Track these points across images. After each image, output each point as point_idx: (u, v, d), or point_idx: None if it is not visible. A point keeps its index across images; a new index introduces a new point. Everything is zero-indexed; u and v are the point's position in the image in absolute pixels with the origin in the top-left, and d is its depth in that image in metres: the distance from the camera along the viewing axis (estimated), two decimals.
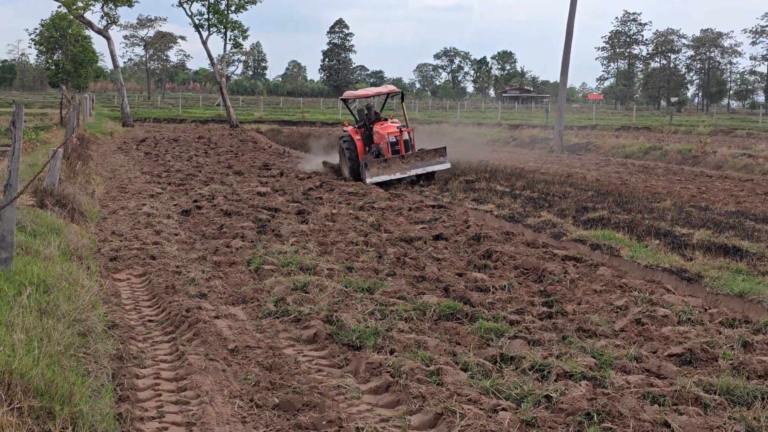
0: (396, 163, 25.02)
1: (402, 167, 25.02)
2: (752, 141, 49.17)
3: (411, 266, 12.85)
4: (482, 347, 8.83)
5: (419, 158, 25.28)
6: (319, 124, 70.44)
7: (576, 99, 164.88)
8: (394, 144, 25.76)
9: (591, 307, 10.65)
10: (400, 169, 24.98)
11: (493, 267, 13.09)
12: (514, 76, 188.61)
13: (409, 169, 25.05)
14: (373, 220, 17.27)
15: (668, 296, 11.12)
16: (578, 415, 6.78)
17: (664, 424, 6.66)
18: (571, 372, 7.82)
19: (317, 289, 10.95)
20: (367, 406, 7.30)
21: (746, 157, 34.64)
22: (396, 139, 25.77)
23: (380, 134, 26.11)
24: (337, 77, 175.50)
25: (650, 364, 8.27)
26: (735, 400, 7.28)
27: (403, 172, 25.01)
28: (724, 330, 9.63)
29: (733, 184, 27.18)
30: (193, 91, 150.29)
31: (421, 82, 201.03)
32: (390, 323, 9.45)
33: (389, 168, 24.89)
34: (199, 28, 67.68)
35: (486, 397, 7.25)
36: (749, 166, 32.85)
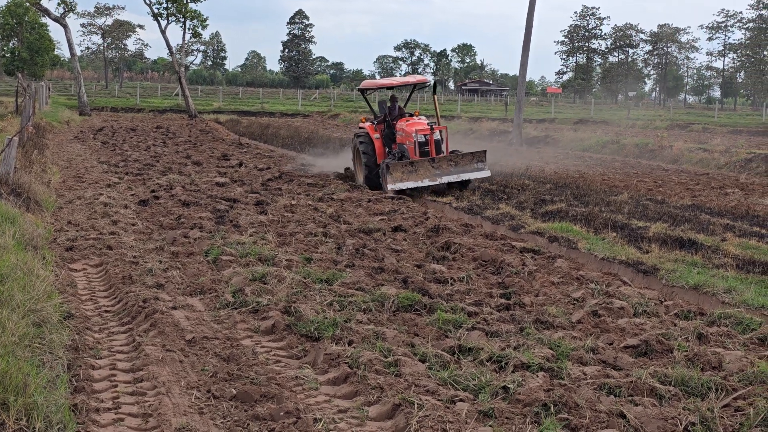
0: (425, 167, 20.71)
1: (432, 173, 20.71)
2: (708, 136, 49.67)
3: (370, 258, 12.84)
4: (440, 338, 8.86)
5: (453, 163, 20.98)
6: (279, 115, 70.28)
7: (535, 92, 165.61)
8: (423, 144, 21.46)
9: (548, 299, 10.73)
10: (429, 175, 20.66)
11: (452, 259, 13.12)
12: (473, 69, 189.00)
13: (440, 176, 20.74)
14: (332, 212, 17.25)
15: (625, 288, 11.23)
16: (535, 406, 6.82)
17: (619, 415, 6.72)
18: (529, 363, 7.86)
19: (276, 280, 10.92)
20: (325, 397, 7.29)
21: (702, 152, 34.99)
22: (425, 139, 21.48)
23: (406, 132, 21.81)
24: (297, 68, 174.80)
25: (606, 355, 8.34)
26: (689, 391, 7.36)
27: (432, 179, 20.67)
28: (679, 322, 9.73)
29: (689, 177, 27.44)
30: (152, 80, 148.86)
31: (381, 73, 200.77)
32: (348, 314, 9.44)
33: (416, 173, 20.64)
34: (158, 17, 67.09)
35: (444, 388, 7.27)
36: (705, 161, 33.19)
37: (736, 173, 30.26)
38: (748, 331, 9.38)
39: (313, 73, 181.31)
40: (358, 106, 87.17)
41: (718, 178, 27.33)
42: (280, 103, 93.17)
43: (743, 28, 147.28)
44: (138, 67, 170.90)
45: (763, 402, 6.91)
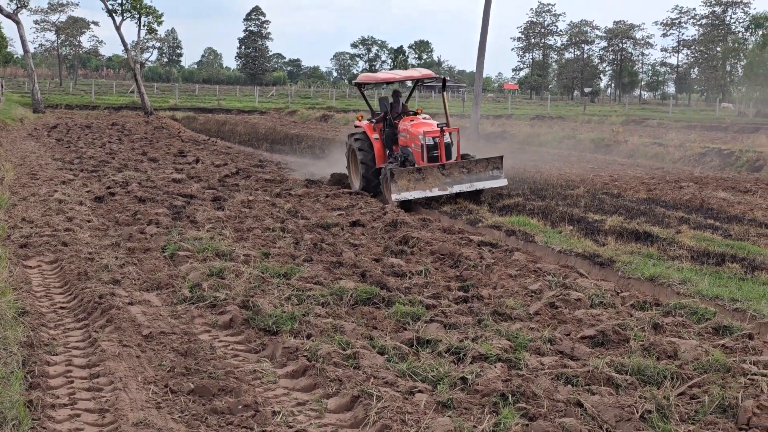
0: (434, 174, 18.24)
1: (441, 181, 18.26)
2: (663, 131, 50.12)
3: (328, 252, 12.83)
4: (399, 331, 8.87)
5: (465, 170, 18.48)
6: (236, 112, 69.95)
7: (492, 89, 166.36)
8: (431, 148, 18.77)
9: (506, 291, 10.78)
10: (439, 184, 18.21)
11: (410, 252, 13.15)
12: (431, 66, 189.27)
13: (450, 185, 18.26)
14: (290, 207, 17.21)
15: (581, 280, 11.33)
16: (493, 396, 6.85)
17: (576, 404, 6.76)
18: (487, 354, 7.90)
19: (233, 274, 10.88)
20: (284, 390, 7.28)
21: (657, 146, 35.32)
22: (435, 142, 18.77)
23: (411, 134, 19.29)
24: (254, 65, 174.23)
25: (564, 345, 8.40)
26: (645, 380, 7.43)
27: (442, 188, 18.21)
28: (635, 312, 9.82)
29: (645, 172, 27.70)
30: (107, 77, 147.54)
31: (338, 70, 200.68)
32: (307, 308, 9.43)
33: (424, 181, 18.14)
34: (113, 13, 66.47)
35: (402, 380, 7.28)
36: (660, 155, 33.52)
37: (690, 167, 30.59)
38: (702, 320, 9.49)
39: (270, 70, 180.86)
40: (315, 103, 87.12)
41: (673, 172, 27.61)
42: (237, 100, 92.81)
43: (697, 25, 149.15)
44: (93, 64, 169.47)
45: (717, 389, 7.00)
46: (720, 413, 6.71)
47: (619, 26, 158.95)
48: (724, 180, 25.18)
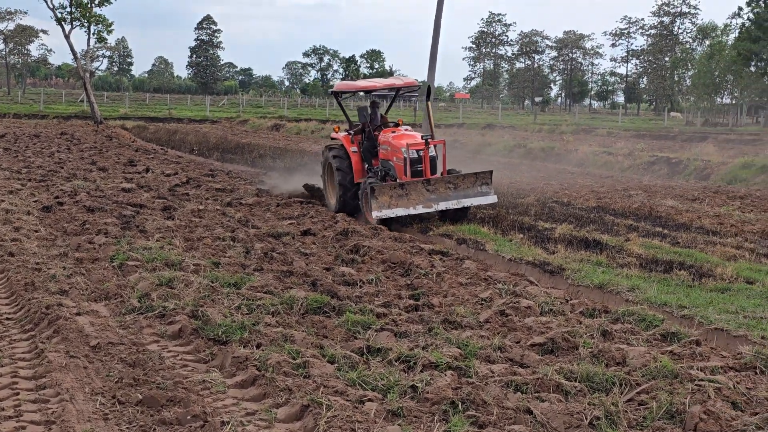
0: (418, 190, 16.77)
1: (426, 197, 16.81)
2: (612, 140, 50.64)
3: (279, 261, 12.78)
4: (349, 340, 8.85)
5: (451, 185, 17.03)
6: (187, 121, 69.48)
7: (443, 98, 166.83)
8: (415, 162, 17.33)
9: (457, 300, 10.81)
10: (423, 201, 16.77)
11: (361, 261, 13.14)
12: (382, 75, 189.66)
13: (435, 201, 16.83)
14: (240, 216, 17.13)
15: (531, 288, 11.38)
16: (443, 404, 6.85)
17: (526, 411, 6.79)
18: (437, 362, 7.90)
19: (183, 284, 10.78)
20: (233, 400, 7.22)
21: (606, 155, 35.69)
22: (419, 155, 17.35)
23: (393, 146, 17.80)
24: (205, 74, 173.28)
25: (513, 353, 8.42)
26: (594, 387, 7.47)
27: (427, 205, 16.77)
28: (585, 320, 9.89)
29: (594, 180, 27.97)
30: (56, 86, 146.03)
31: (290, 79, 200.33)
32: (257, 317, 9.37)
33: (407, 198, 16.70)
34: (62, 21, 65.69)
35: (352, 389, 7.26)
36: (609, 164, 33.87)
37: (639, 176, 30.94)
38: (651, 327, 9.56)
39: (221, 79, 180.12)
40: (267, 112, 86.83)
41: (622, 181, 27.91)
42: (188, 109, 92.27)
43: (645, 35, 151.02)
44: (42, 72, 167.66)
45: (665, 395, 7.06)
46: (667, 419, 6.77)
47: (569, 36, 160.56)
48: (673, 188, 25.49)
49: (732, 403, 7.07)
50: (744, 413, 6.88)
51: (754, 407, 7.03)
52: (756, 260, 13.55)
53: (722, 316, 10.05)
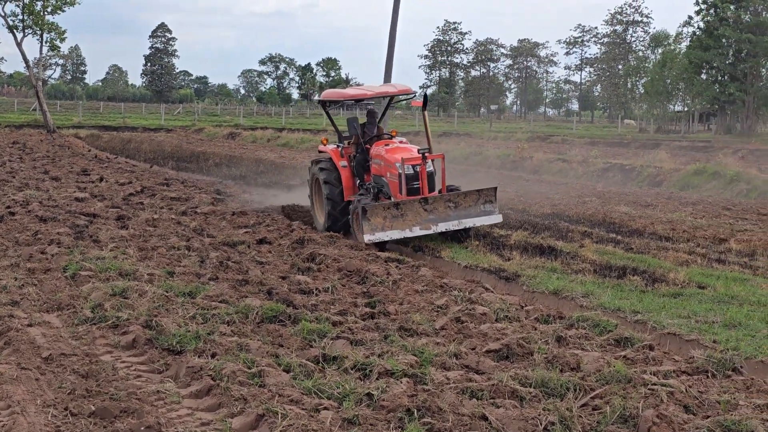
0: (414, 210, 15.26)
1: (424, 218, 15.30)
2: (566, 147, 51.06)
3: (234, 270, 12.72)
4: (305, 348, 8.82)
5: (451, 204, 15.55)
6: (141, 130, 68.99)
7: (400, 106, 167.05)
8: (411, 178, 15.78)
9: (412, 307, 10.82)
10: (421, 222, 15.27)
11: (317, 270, 13.12)
12: (339, 83, 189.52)
13: (434, 222, 15.33)
14: (195, 225, 17.04)
15: (487, 295, 11.43)
16: (399, 412, 6.85)
17: (481, 417, 6.80)
18: (393, 370, 7.90)
19: (137, 294, 10.69)
20: (188, 410, 7.16)
21: (561, 162, 35.97)
22: (415, 171, 15.78)
23: (387, 161, 16.25)
24: (160, 82, 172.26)
25: (469, 360, 8.45)
26: (549, 392, 7.51)
27: (424, 227, 15.27)
28: (540, 326, 9.94)
29: (549, 187, 28.16)
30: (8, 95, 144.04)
31: (246, 88, 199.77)
32: (212, 327, 9.31)
33: (403, 218, 15.18)
34: (14, 29, 65.02)
35: (308, 397, 7.23)
36: (564, 171, 34.13)
37: (593, 182, 31.21)
38: (604, 332, 9.65)
39: (176, 88, 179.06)
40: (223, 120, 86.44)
41: (576, 188, 28.13)
42: (143, 117, 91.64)
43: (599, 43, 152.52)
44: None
45: (618, 400, 7.11)
46: (621, 423, 6.82)
47: (524, 44, 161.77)
48: (626, 195, 25.75)
49: (684, 406, 7.15)
50: (696, 416, 6.96)
51: (705, 410, 7.11)
52: (707, 265, 13.72)
53: (675, 320, 10.17)
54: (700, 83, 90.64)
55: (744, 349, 9.00)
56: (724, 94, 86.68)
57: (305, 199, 19.50)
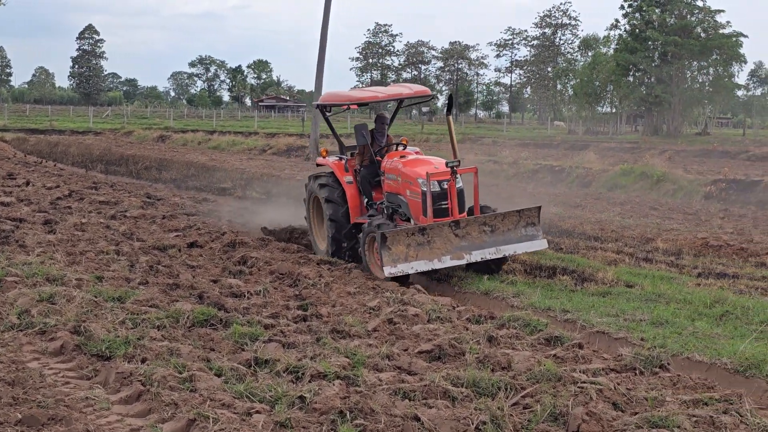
0: (444, 236, 12.82)
1: (455, 245, 12.84)
2: (497, 148, 51.41)
3: (164, 274, 12.59)
4: (237, 352, 8.77)
5: (487, 228, 13.15)
6: (69, 133, 67.91)
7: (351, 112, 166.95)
8: (439, 197, 13.35)
9: (345, 309, 10.83)
10: (452, 250, 12.79)
11: (249, 273, 13.06)
12: (270, 85, 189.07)
13: (468, 250, 12.84)
14: (125, 229, 16.82)
15: (419, 296, 11.49)
16: (331, 414, 6.83)
17: (414, 418, 6.82)
18: (325, 372, 7.88)
19: (65, 299, 10.50)
20: (117, 416, 7.07)
21: (492, 164, 36.23)
22: (443, 188, 13.37)
23: (406, 176, 13.75)
24: (88, 85, 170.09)
25: (401, 361, 8.47)
26: (480, 392, 7.57)
27: (457, 256, 12.79)
28: (471, 326, 10.02)
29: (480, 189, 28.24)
30: None
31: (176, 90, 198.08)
32: (142, 332, 9.19)
33: (430, 246, 12.71)
34: None
35: (240, 401, 7.19)
36: (495, 172, 34.38)
37: (524, 184, 31.51)
38: (535, 332, 9.75)
39: (105, 90, 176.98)
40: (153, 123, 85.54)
41: (507, 189, 28.34)
42: (71, 120, 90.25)
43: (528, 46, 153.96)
44: None
45: (549, 398, 7.19)
46: (551, 421, 6.90)
47: (455, 47, 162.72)
48: (556, 195, 26.06)
49: (613, 403, 7.26)
50: (624, 413, 7.07)
51: (634, 407, 7.22)
52: (635, 264, 13.96)
53: (603, 319, 10.34)
54: (627, 85, 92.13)
55: (671, 346, 9.18)
56: (650, 96, 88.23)
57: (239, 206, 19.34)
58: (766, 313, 10.50)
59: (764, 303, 10.98)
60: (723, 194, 25.49)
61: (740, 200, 24.60)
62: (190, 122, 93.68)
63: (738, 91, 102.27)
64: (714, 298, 11.32)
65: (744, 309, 10.68)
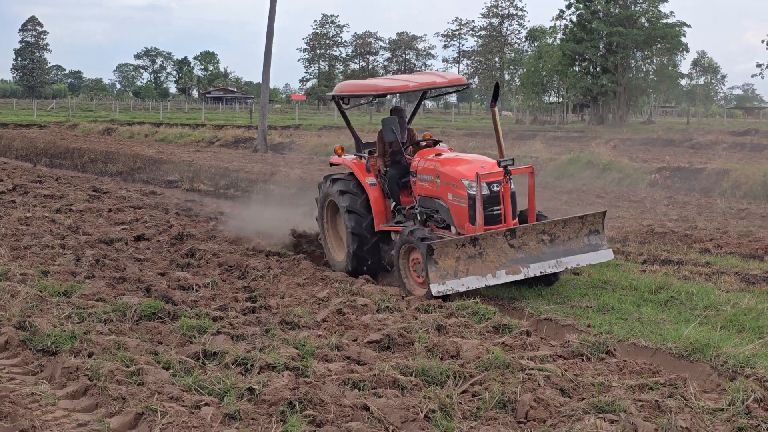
0: (497, 247, 11.16)
1: (510, 258, 11.20)
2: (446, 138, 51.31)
3: (111, 268, 12.48)
4: (185, 345, 8.72)
5: (546, 236, 11.48)
6: (12, 126, 66.79)
7: (280, 100, 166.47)
8: (491, 201, 11.61)
9: (294, 300, 10.84)
10: (507, 263, 11.14)
11: (197, 265, 13.00)
12: (217, 77, 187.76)
13: (525, 264, 11.21)
14: (71, 223, 16.62)
15: (368, 286, 11.52)
16: (281, 405, 6.83)
17: (363, 408, 6.84)
18: (274, 364, 7.87)
19: (9, 295, 10.35)
20: (64, 411, 7.00)
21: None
22: (495, 191, 11.63)
23: (448, 176, 11.96)
24: (32, 77, 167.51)
25: (351, 351, 8.49)
26: (429, 380, 7.60)
27: (513, 270, 11.13)
28: (420, 315, 10.05)
29: None
30: None
31: (122, 82, 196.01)
32: (88, 326, 9.10)
33: (482, 258, 11.04)
34: None
35: (188, 394, 7.15)
36: None
37: None
38: (483, 320, 9.82)
39: (49, 83, 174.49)
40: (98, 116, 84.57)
41: None
42: (14, 113, 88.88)
43: (476, 36, 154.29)
44: None
45: (497, 386, 7.25)
46: (500, 408, 6.95)
47: (402, 38, 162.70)
48: None
49: (560, 389, 7.34)
50: (572, 399, 7.15)
51: (581, 393, 7.31)
52: None
53: (551, 306, 10.47)
54: (573, 75, 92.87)
55: (617, 332, 9.30)
56: (596, 86, 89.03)
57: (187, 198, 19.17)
58: (709, 298, 10.67)
59: (708, 288, 11.15)
60: (667, 182, 25.78)
61: (684, 188, 24.91)
62: (136, 115, 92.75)
63: (681, 80, 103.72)
64: (659, 284, 11.47)
65: (688, 294, 10.84)
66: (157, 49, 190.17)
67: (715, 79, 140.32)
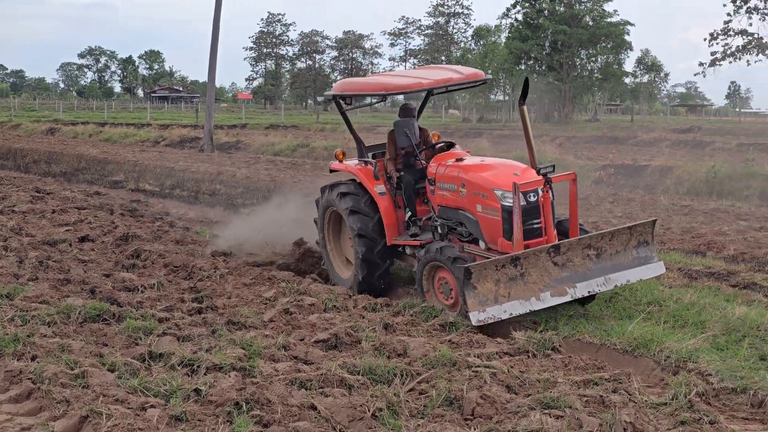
0: (540, 266, 9.84)
1: (554, 277, 9.88)
2: None
3: (55, 269, 12.32)
4: (130, 346, 8.65)
5: (592, 251, 10.18)
6: None
7: (226, 99, 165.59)
8: (530, 214, 10.23)
9: (241, 300, 10.80)
10: (552, 284, 9.83)
11: (143, 266, 12.90)
12: (162, 76, 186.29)
13: (571, 283, 9.89)
14: (13, 224, 16.38)
15: (315, 286, 11.51)
16: (227, 406, 6.81)
17: (310, 407, 6.84)
18: (221, 364, 7.85)
19: None
20: (7, 415, 6.91)
21: None
22: (533, 203, 10.23)
23: (476, 186, 10.62)
24: None
25: (298, 351, 8.48)
26: (377, 379, 7.63)
27: (559, 292, 9.80)
28: (367, 314, 10.08)
29: None
30: None
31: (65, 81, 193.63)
32: (32, 329, 8.99)
33: (524, 280, 9.71)
34: None
35: (134, 396, 7.10)
36: None
37: None
38: (430, 318, 9.87)
39: None
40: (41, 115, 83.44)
41: None
42: None
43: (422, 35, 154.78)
44: None
45: (444, 383, 7.30)
46: (447, 406, 7.00)
47: (349, 36, 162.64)
48: None
49: (507, 386, 7.41)
50: (518, 395, 7.22)
51: (527, 389, 7.38)
52: None
53: None
54: (519, 73, 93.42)
55: (562, 329, 9.40)
56: (542, 84, 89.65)
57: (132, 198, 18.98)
58: (653, 294, 10.81)
59: (651, 285, 11.28)
60: (612, 179, 26.06)
61: (629, 185, 25.21)
62: (80, 114, 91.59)
63: (626, 78, 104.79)
64: None
65: (632, 291, 10.96)
66: (101, 48, 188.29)
67: (658, 77, 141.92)
